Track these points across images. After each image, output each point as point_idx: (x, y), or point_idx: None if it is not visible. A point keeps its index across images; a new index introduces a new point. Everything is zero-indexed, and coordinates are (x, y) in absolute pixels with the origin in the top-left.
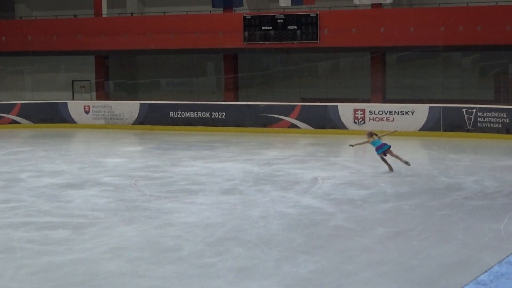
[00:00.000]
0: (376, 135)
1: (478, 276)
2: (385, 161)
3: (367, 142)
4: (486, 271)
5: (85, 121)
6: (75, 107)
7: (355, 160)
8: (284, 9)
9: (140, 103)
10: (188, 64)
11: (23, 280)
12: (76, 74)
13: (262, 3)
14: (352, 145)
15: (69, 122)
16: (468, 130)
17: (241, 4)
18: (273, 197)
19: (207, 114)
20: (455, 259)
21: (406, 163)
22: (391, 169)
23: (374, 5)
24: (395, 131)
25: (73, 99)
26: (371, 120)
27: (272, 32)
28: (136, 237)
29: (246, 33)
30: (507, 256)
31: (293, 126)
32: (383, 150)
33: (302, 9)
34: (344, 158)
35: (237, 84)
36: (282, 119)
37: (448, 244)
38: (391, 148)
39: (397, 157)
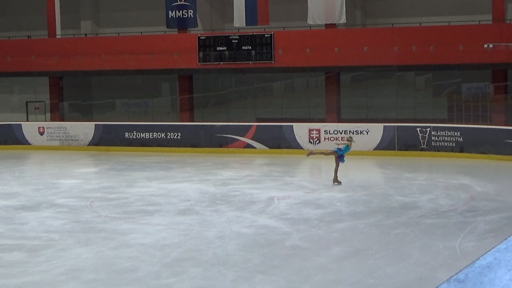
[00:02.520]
0: (350, 141)
1: None
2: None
3: (345, 144)
4: None
5: (40, 142)
6: (29, 128)
7: (310, 179)
8: (238, 29)
9: (95, 124)
10: (143, 84)
11: None
12: (30, 95)
13: (217, 24)
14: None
15: (23, 144)
16: (422, 149)
17: (195, 25)
18: (229, 217)
19: (162, 135)
20: (411, 277)
21: (337, 182)
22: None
23: (328, 25)
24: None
25: (27, 121)
26: (326, 140)
27: (226, 53)
28: (92, 258)
29: (201, 54)
30: (456, 274)
31: (249, 146)
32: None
33: (256, 30)
34: (300, 178)
35: (192, 104)
36: (237, 139)
37: (404, 263)
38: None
39: (335, 171)
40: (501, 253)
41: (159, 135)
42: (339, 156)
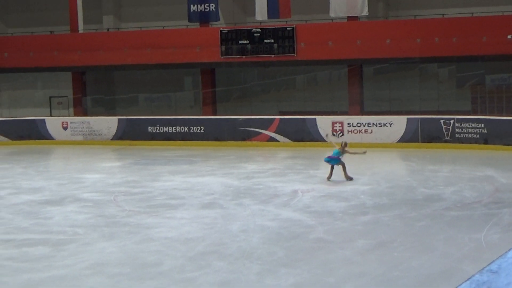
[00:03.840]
0: (343, 150)
1: (459, 285)
2: (331, 169)
3: (335, 144)
4: (467, 280)
5: (63, 137)
6: (53, 123)
7: (334, 172)
8: (260, 22)
9: (118, 119)
10: (166, 79)
11: None
12: (53, 90)
13: (239, 17)
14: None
15: (47, 139)
16: (446, 141)
17: (217, 19)
18: (253, 210)
19: (186, 129)
20: (436, 269)
21: (328, 179)
22: (329, 178)
23: (350, 18)
24: (365, 152)
25: (50, 116)
26: (350, 132)
27: (249, 46)
28: (116, 252)
29: (223, 47)
30: (488, 265)
31: (272, 139)
32: (329, 162)
33: (278, 23)
34: (323, 171)
35: (215, 98)
36: (260, 133)
37: (429, 255)
38: (334, 165)
39: (330, 171)
40: None
41: (182, 129)
42: (328, 157)
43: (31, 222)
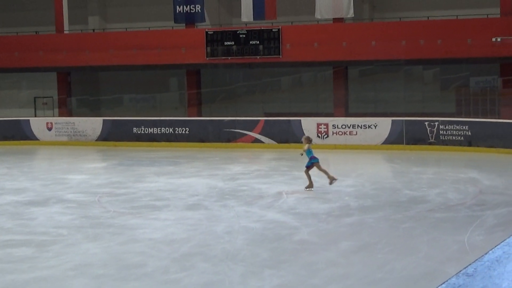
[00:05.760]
0: (310, 143)
1: None
2: (309, 176)
3: (304, 148)
4: (443, 283)
5: (48, 138)
6: (37, 124)
7: (318, 174)
8: (246, 24)
9: (103, 120)
10: (151, 80)
11: None
12: (38, 90)
13: (224, 19)
14: (302, 154)
15: (32, 139)
16: (430, 143)
17: (203, 20)
18: (238, 212)
19: (171, 130)
20: (420, 271)
21: (333, 179)
22: (311, 186)
23: (335, 20)
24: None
25: (35, 116)
26: (334, 134)
27: (234, 47)
28: (100, 253)
29: (209, 49)
30: (465, 268)
31: (257, 141)
32: (311, 163)
33: (264, 24)
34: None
35: (200, 99)
36: (245, 134)
37: (412, 257)
38: (319, 163)
39: (325, 172)
40: (510, 247)
41: (167, 130)
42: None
43: (14, 222)
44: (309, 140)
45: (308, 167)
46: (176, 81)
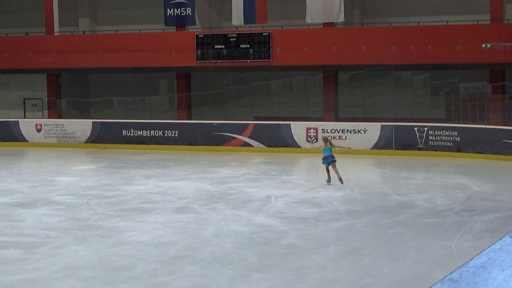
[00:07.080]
0: (330, 143)
1: None
2: (328, 172)
3: (320, 147)
4: None
5: (37, 139)
6: (26, 125)
7: (307, 178)
8: (236, 27)
9: (93, 122)
10: (141, 82)
11: None
12: (28, 92)
13: (215, 22)
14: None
15: (21, 141)
16: (419, 149)
17: (193, 23)
18: (226, 215)
19: (160, 133)
20: (407, 276)
21: (340, 180)
22: (329, 181)
23: (326, 24)
24: (350, 147)
25: (24, 118)
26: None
27: (224, 51)
28: (88, 256)
29: (199, 52)
30: (450, 273)
31: (246, 144)
32: (328, 162)
33: (254, 28)
34: (297, 177)
35: (190, 102)
36: (235, 138)
37: (400, 262)
38: (335, 163)
39: (336, 172)
40: (495, 253)
41: (156, 133)
42: (323, 158)
43: (3, 224)
44: (325, 140)
45: (326, 164)
46: (166, 84)
